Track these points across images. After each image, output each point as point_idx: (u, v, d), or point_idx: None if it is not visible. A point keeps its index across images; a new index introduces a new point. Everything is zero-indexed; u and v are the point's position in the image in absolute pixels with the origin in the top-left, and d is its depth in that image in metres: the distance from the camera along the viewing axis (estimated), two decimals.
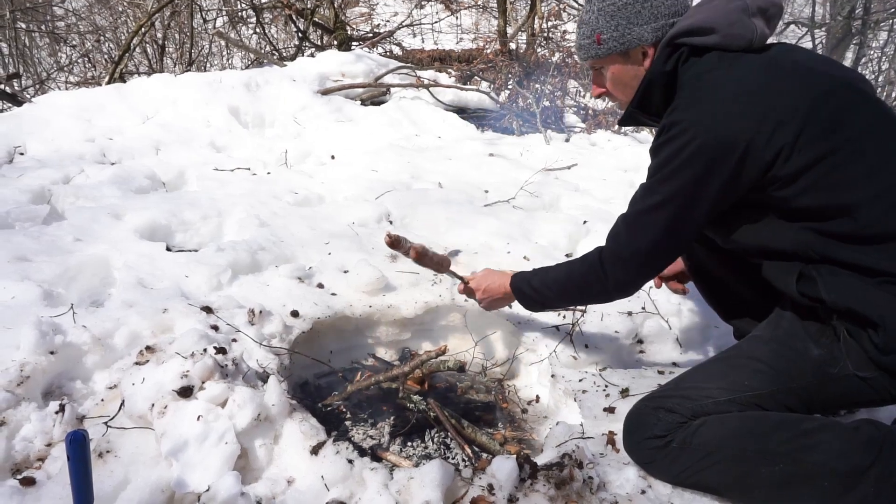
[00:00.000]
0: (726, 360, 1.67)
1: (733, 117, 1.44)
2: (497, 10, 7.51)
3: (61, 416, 1.64)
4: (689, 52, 1.57)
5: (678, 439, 1.56)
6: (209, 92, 4.84)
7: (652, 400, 1.67)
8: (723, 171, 1.46)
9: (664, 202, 1.55)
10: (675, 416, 1.58)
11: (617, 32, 1.65)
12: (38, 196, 3.03)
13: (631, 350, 2.26)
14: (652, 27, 1.63)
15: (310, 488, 1.56)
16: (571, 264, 1.84)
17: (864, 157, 1.42)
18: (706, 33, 1.54)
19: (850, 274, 1.41)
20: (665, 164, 1.53)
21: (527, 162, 4.37)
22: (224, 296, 2.25)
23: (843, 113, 1.44)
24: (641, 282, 1.71)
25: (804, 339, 1.54)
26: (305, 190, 3.51)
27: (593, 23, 1.69)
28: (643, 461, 1.63)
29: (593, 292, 1.79)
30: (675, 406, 1.60)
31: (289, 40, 8.88)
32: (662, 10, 1.62)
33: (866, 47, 8.74)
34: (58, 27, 9.99)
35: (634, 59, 1.68)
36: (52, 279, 2.20)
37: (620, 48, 1.67)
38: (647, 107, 1.71)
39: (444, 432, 1.94)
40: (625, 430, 1.69)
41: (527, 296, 1.94)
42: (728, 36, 1.52)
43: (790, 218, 1.49)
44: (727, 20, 1.53)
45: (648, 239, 1.60)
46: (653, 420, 1.61)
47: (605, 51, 1.69)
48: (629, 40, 1.65)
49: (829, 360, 1.48)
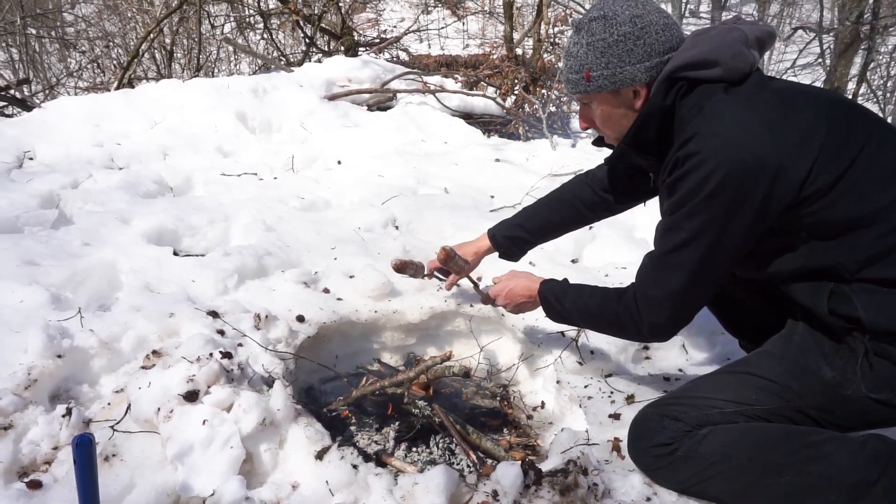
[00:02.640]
0: (735, 373, 1.65)
1: (758, 141, 1.38)
2: (503, 16, 7.54)
3: (68, 419, 1.65)
4: (687, 85, 1.50)
5: (684, 448, 1.55)
6: (217, 97, 4.87)
7: (658, 407, 1.67)
8: (755, 196, 1.39)
9: (691, 239, 1.47)
10: (681, 425, 1.57)
11: (608, 71, 1.54)
12: (46, 200, 3.05)
13: (637, 356, 2.25)
14: (646, 66, 1.52)
15: (314, 493, 1.56)
16: (607, 296, 1.72)
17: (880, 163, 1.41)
18: (709, 66, 1.47)
19: (888, 291, 1.38)
20: (687, 198, 1.45)
21: (533, 167, 4.37)
22: (230, 300, 2.26)
23: (850, 126, 1.43)
24: (678, 326, 1.62)
25: (817, 358, 1.51)
26: (312, 195, 3.52)
27: (582, 57, 1.57)
28: (648, 468, 1.62)
29: (627, 332, 1.72)
30: (681, 414, 1.59)
31: (296, 46, 8.92)
32: (657, 47, 1.51)
33: (874, 52, 8.69)
34: (67, 33, 10.08)
35: (625, 98, 1.58)
36: (60, 283, 2.22)
37: (611, 87, 1.56)
38: (639, 144, 1.62)
39: (448, 438, 1.94)
40: (630, 436, 1.68)
41: (553, 310, 1.88)
42: (731, 69, 1.46)
43: (824, 235, 1.43)
44: (730, 52, 1.46)
45: (680, 280, 1.52)
46: (658, 427, 1.60)
47: (595, 88, 1.58)
48: (621, 80, 1.54)
49: (842, 382, 1.46)
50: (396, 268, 2.23)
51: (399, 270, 2.24)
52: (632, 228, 3.27)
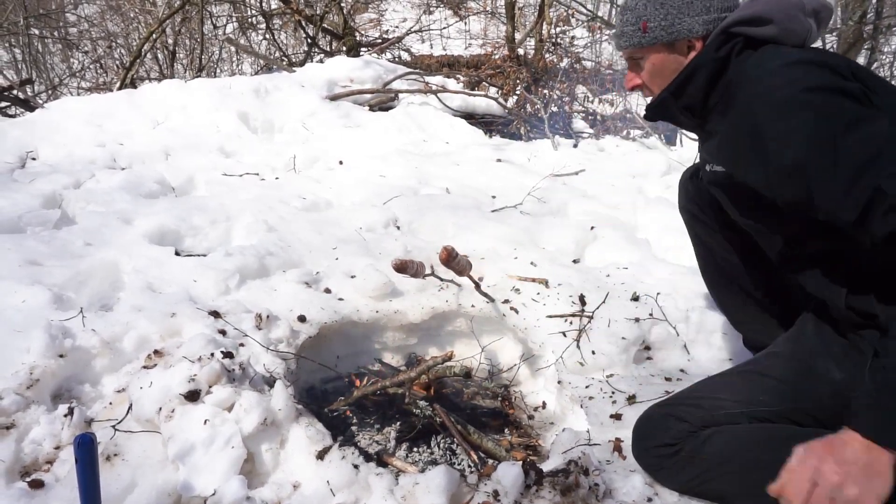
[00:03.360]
0: (743, 373, 1.64)
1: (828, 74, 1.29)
2: (505, 16, 7.54)
3: (70, 419, 1.65)
4: (743, 43, 1.48)
5: (688, 448, 1.55)
6: (219, 97, 4.88)
7: (663, 407, 1.66)
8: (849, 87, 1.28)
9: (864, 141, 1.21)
10: (686, 426, 1.57)
11: (666, 21, 1.55)
12: (49, 200, 3.06)
13: (638, 357, 2.25)
14: (703, 19, 1.53)
15: (315, 493, 1.56)
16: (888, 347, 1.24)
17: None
18: (764, 23, 1.46)
19: None
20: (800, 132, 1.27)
21: (534, 167, 4.37)
22: (232, 300, 2.26)
23: None
24: None
25: (826, 360, 1.51)
26: (313, 195, 3.53)
27: (640, 10, 1.58)
28: (651, 468, 1.62)
29: None
30: (687, 415, 1.58)
31: (298, 46, 8.93)
32: (715, 3, 1.53)
33: (878, 52, 8.67)
34: (70, 33, 10.11)
35: (679, 51, 1.57)
36: (63, 283, 2.22)
37: (667, 38, 1.56)
38: (684, 95, 1.58)
39: (449, 438, 1.94)
40: (634, 435, 1.68)
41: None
42: (785, 30, 1.45)
43: None
44: (785, 14, 1.45)
45: None
46: (663, 427, 1.60)
47: (650, 40, 1.58)
48: (678, 31, 1.55)
49: (850, 384, 1.44)
50: (397, 268, 2.23)
51: (400, 270, 2.24)
52: (633, 229, 3.27)
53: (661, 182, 4.06)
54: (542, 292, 2.48)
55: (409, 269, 2.25)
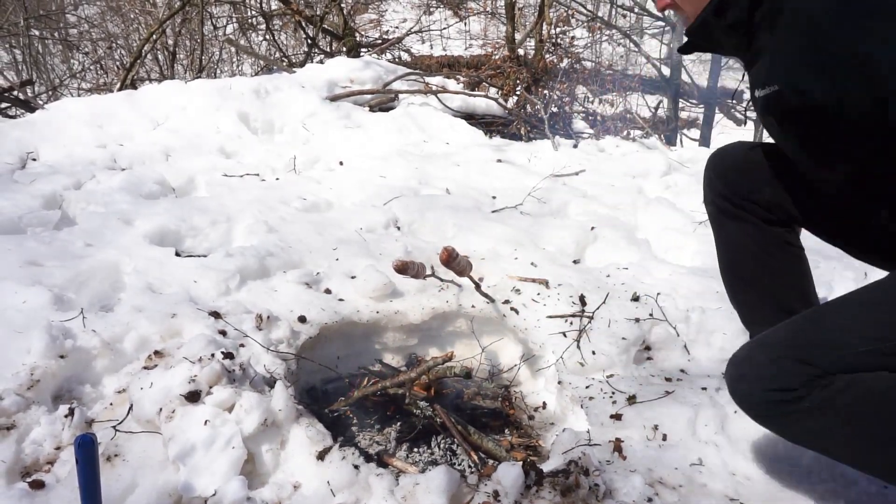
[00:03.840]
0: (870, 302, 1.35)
1: None
2: (505, 17, 7.54)
3: (70, 419, 1.66)
4: None
5: (816, 398, 1.29)
6: (219, 98, 4.88)
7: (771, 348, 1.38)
8: None
9: None
10: (810, 369, 1.29)
11: None
12: (49, 201, 3.06)
13: (638, 357, 2.25)
14: None
15: (316, 493, 1.56)
16: None
17: None
18: None
19: None
20: None
21: (534, 168, 4.37)
22: (232, 301, 2.27)
23: None
24: None
25: None
26: (314, 196, 3.53)
27: None
28: (759, 414, 1.38)
29: None
30: (812, 357, 1.31)
31: (298, 47, 8.94)
32: None
33: None
34: (70, 34, 10.12)
35: None
36: (63, 284, 2.23)
37: None
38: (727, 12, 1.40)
39: (450, 438, 1.94)
40: (734, 376, 1.41)
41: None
42: None
43: None
44: None
45: None
46: (774, 370, 1.33)
47: None
48: None
49: None
50: (398, 269, 2.23)
51: (400, 271, 2.25)
52: (633, 229, 3.28)
53: (661, 182, 4.06)
54: (542, 293, 2.48)
55: (409, 270, 2.26)
